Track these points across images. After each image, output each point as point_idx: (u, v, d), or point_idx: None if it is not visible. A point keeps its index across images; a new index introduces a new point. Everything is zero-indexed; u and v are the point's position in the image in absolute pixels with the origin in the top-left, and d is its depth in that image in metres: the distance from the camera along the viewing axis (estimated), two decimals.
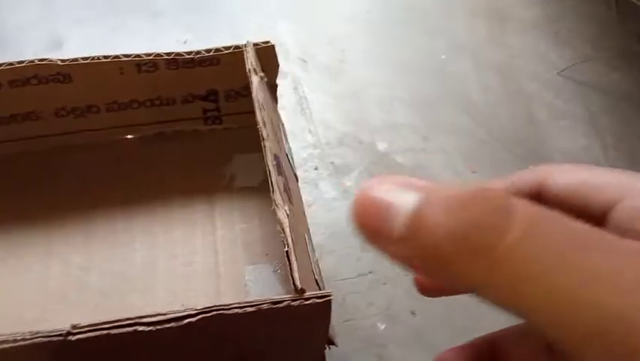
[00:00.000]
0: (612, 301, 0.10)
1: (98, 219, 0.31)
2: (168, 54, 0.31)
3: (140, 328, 0.21)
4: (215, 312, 0.21)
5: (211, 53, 0.31)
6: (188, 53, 0.31)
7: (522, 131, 0.45)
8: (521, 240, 0.10)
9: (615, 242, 0.11)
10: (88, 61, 0.30)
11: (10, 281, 0.29)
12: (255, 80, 0.29)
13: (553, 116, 0.46)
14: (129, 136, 0.34)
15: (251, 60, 0.30)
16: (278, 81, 0.34)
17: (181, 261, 0.29)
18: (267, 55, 0.32)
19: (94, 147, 0.33)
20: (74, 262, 0.29)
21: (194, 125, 0.34)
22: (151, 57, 0.30)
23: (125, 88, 0.31)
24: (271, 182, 0.25)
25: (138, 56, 0.30)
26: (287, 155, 0.32)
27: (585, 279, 0.10)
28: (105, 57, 0.30)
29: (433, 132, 0.45)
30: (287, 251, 0.22)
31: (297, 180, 0.33)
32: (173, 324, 0.21)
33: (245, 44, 0.31)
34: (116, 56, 0.30)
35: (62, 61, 0.30)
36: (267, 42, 0.31)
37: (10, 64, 0.29)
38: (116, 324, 0.21)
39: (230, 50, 0.31)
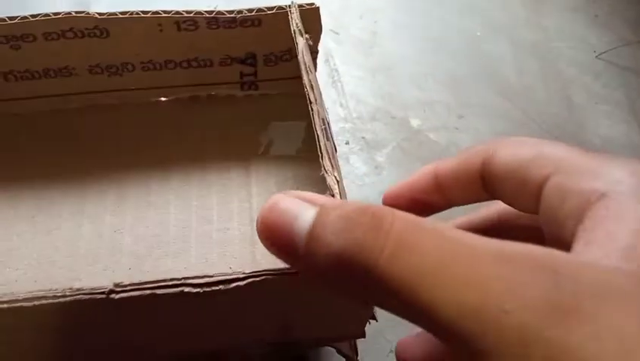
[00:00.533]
0: (472, 303, 0.10)
1: (132, 180, 0.30)
2: (209, 12, 0.29)
3: (187, 289, 0.20)
4: (264, 277, 0.20)
5: (253, 13, 0.30)
6: (230, 12, 0.30)
7: (560, 115, 0.44)
8: (392, 257, 0.11)
9: (476, 248, 0.11)
10: (126, 16, 0.29)
11: (40, 240, 0.28)
12: (301, 42, 0.28)
13: (593, 101, 0.45)
14: (163, 98, 0.33)
15: (296, 21, 0.28)
16: None
17: (216, 227, 0.28)
18: (310, 18, 0.30)
19: (127, 107, 0.32)
20: (107, 223, 0.28)
21: (230, 90, 0.33)
22: (191, 14, 0.29)
23: (163, 47, 0.30)
24: (320, 147, 0.24)
25: (178, 12, 0.29)
26: (329, 124, 0.31)
27: (448, 286, 0.11)
28: (144, 12, 0.29)
29: (467, 111, 0.43)
30: None
31: (336, 150, 0.32)
32: (221, 287, 0.20)
33: (289, 5, 0.29)
34: (156, 12, 0.29)
35: (100, 14, 0.29)
36: (312, 4, 0.30)
37: (46, 15, 0.28)
38: (161, 284, 0.20)
39: (273, 11, 0.30)
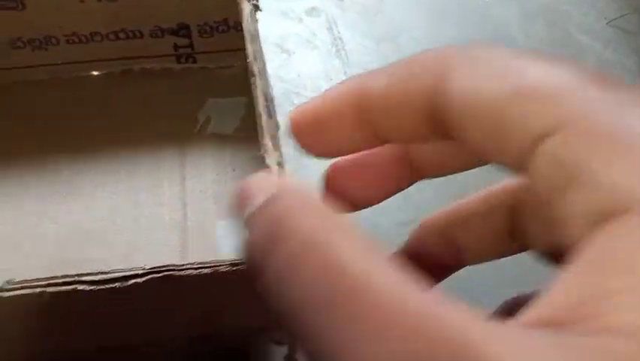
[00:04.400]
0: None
1: (58, 162, 0.28)
2: None
3: (80, 287, 0.18)
4: (165, 273, 0.19)
5: None
6: None
7: None
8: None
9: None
10: None
11: None
12: (247, 8, 0.25)
13: (603, 68, 0.43)
14: (94, 73, 0.31)
15: None
16: (310, 19, 0.30)
17: (145, 212, 0.27)
18: None
19: (56, 83, 0.30)
20: (28, 209, 0.27)
21: (165, 63, 0.31)
22: None
23: (85, 18, 0.28)
24: (260, 125, 0.22)
25: None
26: (272, 100, 0.29)
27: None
28: None
29: None
30: None
31: (279, 128, 0.30)
32: (117, 284, 0.19)
33: None
34: None
35: None
36: None
37: None
38: (52, 281, 0.18)
39: None
